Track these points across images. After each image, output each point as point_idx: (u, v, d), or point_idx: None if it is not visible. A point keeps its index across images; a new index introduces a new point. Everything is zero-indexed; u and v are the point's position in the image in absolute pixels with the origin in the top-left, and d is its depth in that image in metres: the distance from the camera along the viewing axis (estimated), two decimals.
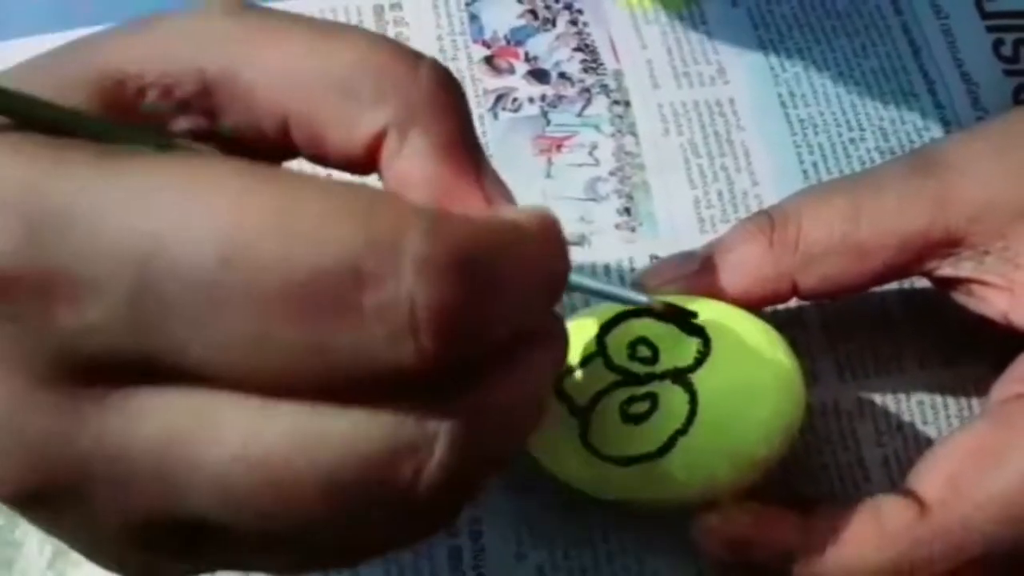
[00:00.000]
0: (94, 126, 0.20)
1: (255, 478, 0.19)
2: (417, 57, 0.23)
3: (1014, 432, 0.29)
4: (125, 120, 0.22)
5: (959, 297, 0.32)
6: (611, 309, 0.31)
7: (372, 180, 0.23)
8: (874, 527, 0.29)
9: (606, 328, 0.30)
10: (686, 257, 0.33)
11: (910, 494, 0.29)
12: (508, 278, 0.20)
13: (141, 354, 0.18)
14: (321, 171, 0.24)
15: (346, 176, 0.23)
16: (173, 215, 0.18)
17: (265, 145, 0.23)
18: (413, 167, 0.23)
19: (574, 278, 0.26)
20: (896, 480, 0.32)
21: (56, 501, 0.20)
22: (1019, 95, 0.40)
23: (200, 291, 0.18)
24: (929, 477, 0.30)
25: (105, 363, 0.18)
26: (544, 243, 0.21)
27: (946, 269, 0.32)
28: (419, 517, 0.20)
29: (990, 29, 0.42)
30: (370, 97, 0.22)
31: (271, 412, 0.19)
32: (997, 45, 0.41)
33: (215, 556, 0.21)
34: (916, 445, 0.34)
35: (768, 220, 0.32)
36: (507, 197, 0.24)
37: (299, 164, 0.24)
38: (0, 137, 0.19)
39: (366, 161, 0.23)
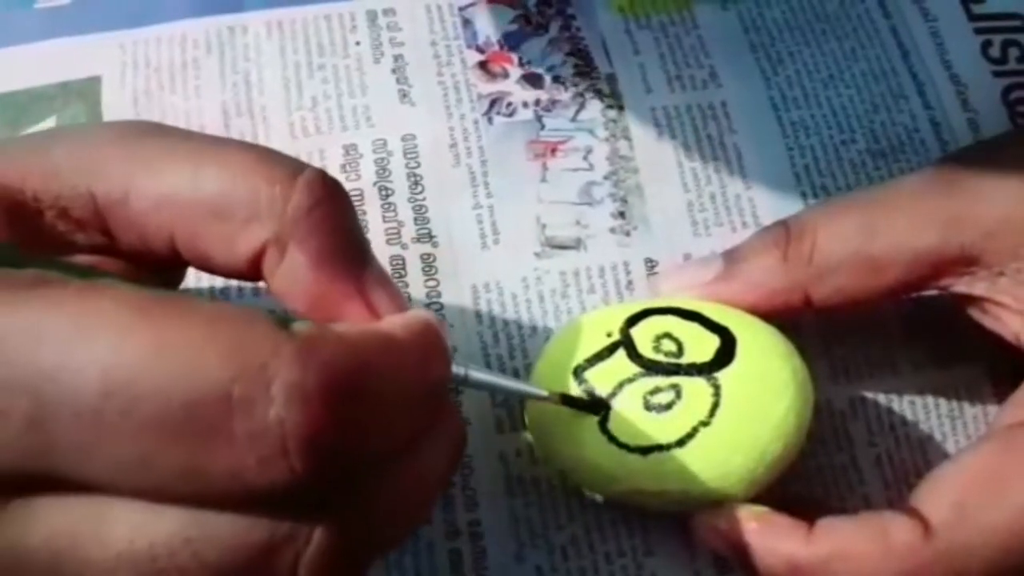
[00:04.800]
0: (3, 253, 0.22)
1: (141, 573, 0.20)
2: (296, 171, 0.24)
3: (1021, 459, 0.29)
4: (31, 235, 0.24)
5: (974, 314, 0.32)
6: (636, 304, 0.32)
7: None
8: (878, 545, 0.29)
9: (632, 321, 0.31)
10: (703, 264, 0.33)
11: (915, 514, 0.29)
12: (379, 394, 0.21)
13: (38, 471, 0.20)
14: None
15: None
16: (62, 350, 0.19)
17: (161, 260, 0.25)
18: (293, 280, 0.24)
19: (473, 375, 0.27)
20: (889, 480, 0.33)
21: None
22: (1008, 96, 0.41)
23: (86, 420, 0.19)
24: (934, 498, 0.29)
25: (6, 478, 0.20)
26: (419, 352, 0.23)
27: (960, 287, 0.32)
28: None
29: (978, 31, 0.42)
30: (244, 218, 0.24)
31: (156, 514, 0.20)
32: (985, 47, 0.42)
33: None
34: (908, 445, 0.34)
35: (784, 232, 0.32)
36: (394, 300, 0.25)
37: None
38: None
39: (252, 273, 0.25)
